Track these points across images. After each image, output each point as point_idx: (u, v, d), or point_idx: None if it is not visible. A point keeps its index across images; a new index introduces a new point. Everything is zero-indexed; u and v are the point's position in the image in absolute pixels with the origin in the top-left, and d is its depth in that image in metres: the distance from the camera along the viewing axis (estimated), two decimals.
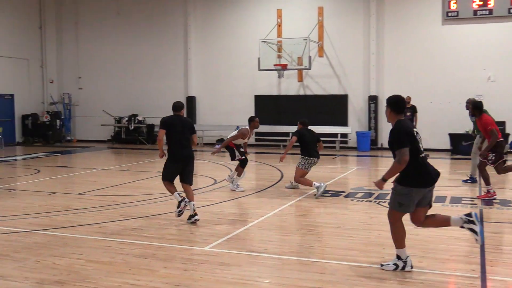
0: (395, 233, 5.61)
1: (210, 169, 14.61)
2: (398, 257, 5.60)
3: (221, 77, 22.43)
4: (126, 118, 23.47)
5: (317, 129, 20.43)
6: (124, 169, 14.77)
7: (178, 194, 8.01)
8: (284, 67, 19.36)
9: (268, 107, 21.59)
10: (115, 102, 24.26)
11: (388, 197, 8.52)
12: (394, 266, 5.59)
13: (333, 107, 20.67)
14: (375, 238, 6.97)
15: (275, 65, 19.37)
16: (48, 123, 23.74)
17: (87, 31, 24.70)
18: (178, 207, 7.86)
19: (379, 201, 9.43)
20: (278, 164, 14.28)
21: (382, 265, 5.67)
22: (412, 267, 5.58)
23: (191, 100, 22.74)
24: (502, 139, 9.77)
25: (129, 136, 23.39)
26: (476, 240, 5.56)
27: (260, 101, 21.77)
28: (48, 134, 23.71)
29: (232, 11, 22.18)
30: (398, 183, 5.53)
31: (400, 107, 5.65)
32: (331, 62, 20.66)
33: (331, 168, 15.09)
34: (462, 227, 5.60)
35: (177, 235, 7.07)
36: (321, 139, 11.37)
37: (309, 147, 10.64)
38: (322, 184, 9.93)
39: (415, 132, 5.53)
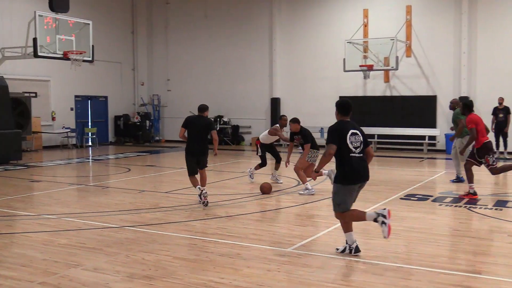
0: (350, 218, 6.20)
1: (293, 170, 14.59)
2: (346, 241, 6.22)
3: (306, 79, 22.39)
4: (212, 119, 23.96)
5: (403, 131, 20.15)
6: (209, 169, 15.04)
7: (199, 187, 9.14)
8: (370, 68, 19.04)
9: (353, 109, 21.24)
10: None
11: (478, 202, 8.14)
12: (342, 248, 6.22)
13: (421, 109, 20.05)
14: (465, 245, 6.68)
15: (360, 66, 19.11)
16: (138, 123, 24.72)
17: (175, 34, 25.49)
18: (199, 196, 9.05)
19: (470, 207, 9.02)
20: None
21: (337, 249, 6.25)
22: (358, 249, 6.14)
23: (275, 102, 22.86)
24: (488, 140, 9.79)
25: None
26: (383, 235, 6.02)
27: None
28: (138, 134, 24.70)
29: (317, 12, 22.07)
30: (334, 182, 6.18)
31: (345, 109, 6.49)
32: (419, 62, 20.06)
33: (418, 171, 14.63)
34: (375, 220, 6.06)
35: (260, 235, 7.12)
36: (408, 141, 11.15)
37: (314, 141, 11.20)
38: (329, 171, 10.11)
39: (351, 133, 6.16)
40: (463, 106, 10.29)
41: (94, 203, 9.79)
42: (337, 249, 6.27)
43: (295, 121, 11.26)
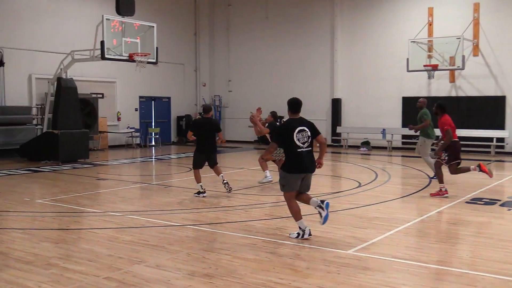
0: (290, 209, 6.99)
1: (355, 171, 14.44)
2: (299, 228, 6.94)
3: (368, 79, 22.07)
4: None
5: (469, 132, 19.48)
6: (269, 170, 15.11)
7: (201, 186, 10.27)
8: (434, 68, 18.56)
9: (417, 109, 20.76)
10: (262, 104, 24.67)
11: None
12: (297, 234, 6.94)
13: (489, 109, 19.34)
14: None
15: (425, 66, 18.68)
16: None
17: (237, 35, 25.74)
18: (197, 194, 10.20)
19: None
20: (426, 168, 13.72)
21: (290, 234, 7.01)
22: (310, 235, 6.88)
23: (336, 102, 22.67)
24: (457, 140, 10.12)
25: None
26: (319, 221, 6.82)
27: (408, 103, 21.02)
28: None
29: (380, 11, 21.73)
30: (281, 168, 7.03)
31: (294, 108, 7.08)
32: (487, 61, 19.36)
33: (485, 174, 14.09)
34: (316, 207, 6.82)
35: (320, 236, 7.07)
36: (474, 143, 10.86)
37: (280, 138, 10.89)
38: (270, 177, 11.06)
39: (298, 130, 6.80)
40: (437, 107, 10.47)
41: (157, 201, 10.02)
42: (290, 234, 7.06)
43: (271, 113, 12.34)
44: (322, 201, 6.83)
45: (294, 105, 7.10)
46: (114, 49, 15.31)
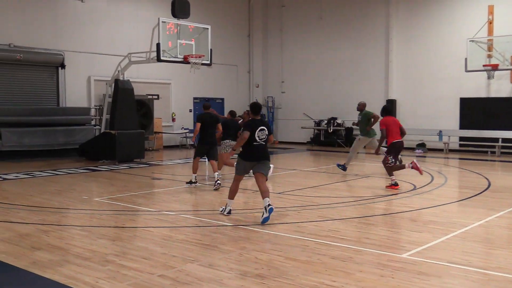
0: (232, 187, 8.59)
1: (409, 174, 14.13)
2: (226, 204, 8.63)
3: (424, 79, 21.60)
4: (325, 121, 23.88)
5: None
6: (322, 171, 15.03)
7: (195, 177, 11.57)
8: (494, 68, 17.98)
9: (475, 111, 20.23)
10: (315, 105, 24.86)
11: None
12: (221, 209, 8.68)
13: None
14: None
15: (484, 66, 18.11)
16: None
17: (290, 36, 25.71)
18: (188, 183, 11.54)
19: None
20: (485, 171, 13.30)
21: (220, 210, 8.70)
22: (230, 213, 8.50)
23: (390, 103, 22.27)
24: (397, 140, 11.23)
25: (328, 138, 23.76)
26: (261, 222, 7.84)
27: (466, 104, 20.48)
28: None
29: (436, 10, 21.23)
30: (238, 155, 8.62)
31: (256, 110, 8.57)
32: None
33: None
34: (264, 206, 7.93)
35: (374, 239, 6.97)
36: None
37: (231, 132, 12.58)
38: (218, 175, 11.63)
39: (259, 129, 8.32)
40: (382, 109, 11.82)
41: (209, 201, 10.12)
42: (220, 209, 8.73)
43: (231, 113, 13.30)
44: (269, 205, 7.88)
45: (256, 108, 8.62)
46: (169, 51, 15.58)
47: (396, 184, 11.21)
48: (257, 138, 8.34)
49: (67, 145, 18.04)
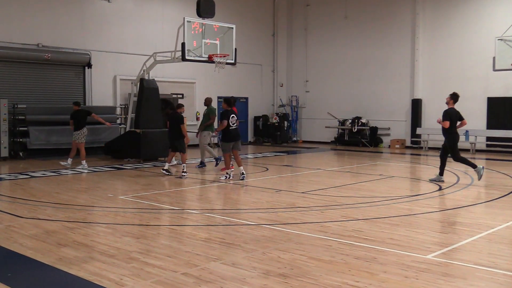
0: (225, 161, 12.55)
1: (434, 174, 13.97)
2: (227, 173, 12.27)
3: (450, 79, 21.31)
4: (350, 121, 23.75)
5: None
6: (345, 171, 14.95)
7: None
8: None
9: (503, 110, 19.91)
10: (339, 105, 24.74)
11: None
12: (225, 177, 12.24)
13: None
14: None
15: None
16: (277, 124, 25.22)
17: (315, 36, 25.62)
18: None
19: None
20: (511, 173, 13.07)
21: (220, 178, 12.22)
22: (232, 177, 12.11)
23: (416, 103, 22.08)
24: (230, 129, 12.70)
25: (352, 138, 23.62)
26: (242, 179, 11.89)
27: (494, 103, 20.16)
28: (277, 134, 25.19)
29: (464, 8, 20.94)
30: (221, 140, 12.62)
31: (229, 103, 12.63)
32: None
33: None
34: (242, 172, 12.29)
35: (398, 240, 6.90)
36: None
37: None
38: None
39: (231, 116, 12.27)
40: (224, 100, 12.99)
41: (233, 200, 10.15)
42: (220, 177, 12.30)
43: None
44: (243, 173, 12.33)
45: (230, 101, 12.67)
46: (194, 51, 15.64)
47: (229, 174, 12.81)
48: (231, 123, 12.21)
49: (93, 144, 18.28)
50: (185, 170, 12.99)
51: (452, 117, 11.86)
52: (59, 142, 17.65)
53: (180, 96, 21.70)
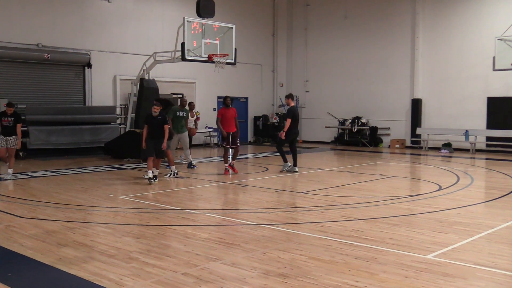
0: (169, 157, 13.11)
1: (435, 174, 13.99)
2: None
3: (450, 78, 21.33)
4: (350, 120, 23.75)
5: None
6: (345, 171, 14.95)
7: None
8: None
9: (503, 110, 19.91)
10: (339, 105, 24.74)
11: None
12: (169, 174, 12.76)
13: None
14: None
15: None
16: (276, 124, 25.21)
17: (315, 35, 25.63)
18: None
19: None
20: None
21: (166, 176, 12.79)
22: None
23: (416, 103, 22.08)
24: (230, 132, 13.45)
25: (352, 138, 23.63)
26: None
27: (494, 103, 20.16)
28: (276, 134, 25.13)
29: (464, 8, 20.94)
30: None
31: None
32: None
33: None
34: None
35: (398, 240, 6.90)
36: None
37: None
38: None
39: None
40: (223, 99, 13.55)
41: (233, 200, 10.15)
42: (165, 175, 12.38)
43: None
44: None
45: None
46: (194, 51, 15.64)
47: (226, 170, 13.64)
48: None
49: (93, 144, 18.28)
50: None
51: None
52: (59, 142, 17.66)
53: (180, 96, 21.69)
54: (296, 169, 13.96)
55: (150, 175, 11.85)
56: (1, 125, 12.49)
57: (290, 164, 13.99)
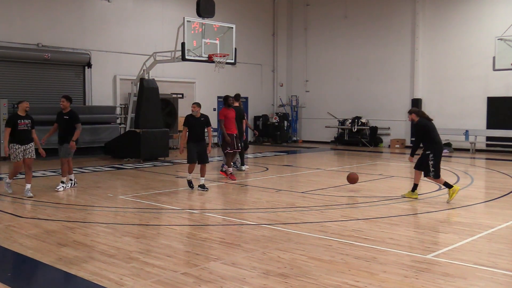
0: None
1: None
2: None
3: (450, 78, 21.33)
4: (350, 120, 23.75)
5: None
6: (345, 170, 14.93)
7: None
8: None
9: (503, 110, 19.91)
10: (339, 104, 24.74)
11: None
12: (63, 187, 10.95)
13: None
14: None
15: None
16: (276, 124, 25.22)
17: (315, 35, 25.62)
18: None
19: None
20: None
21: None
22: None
23: (416, 103, 22.06)
24: (232, 133, 12.99)
25: (352, 138, 23.63)
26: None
27: (494, 103, 20.16)
28: (276, 134, 25.18)
29: (464, 8, 20.94)
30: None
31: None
32: None
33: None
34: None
35: (398, 240, 6.90)
36: None
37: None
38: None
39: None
40: (223, 99, 13.11)
41: (233, 200, 10.15)
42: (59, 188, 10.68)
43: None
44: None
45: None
46: (194, 50, 15.63)
47: (227, 172, 12.80)
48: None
49: (93, 143, 18.27)
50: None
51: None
52: None
53: (180, 96, 21.70)
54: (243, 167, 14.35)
55: (189, 178, 11.04)
56: (16, 130, 10.35)
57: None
